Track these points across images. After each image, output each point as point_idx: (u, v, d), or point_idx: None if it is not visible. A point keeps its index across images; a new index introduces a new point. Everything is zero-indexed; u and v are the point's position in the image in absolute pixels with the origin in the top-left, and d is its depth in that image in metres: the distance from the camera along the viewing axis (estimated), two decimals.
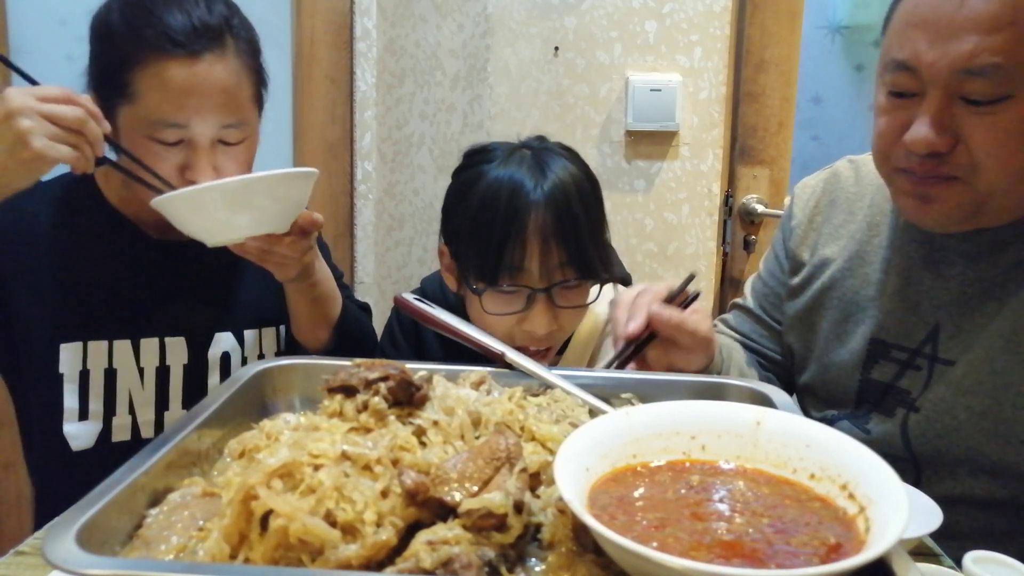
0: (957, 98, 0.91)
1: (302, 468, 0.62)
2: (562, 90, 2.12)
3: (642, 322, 1.01)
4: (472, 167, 1.21)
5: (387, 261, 2.21)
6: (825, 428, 0.69)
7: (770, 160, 2.18)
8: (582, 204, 1.16)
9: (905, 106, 0.96)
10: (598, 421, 0.70)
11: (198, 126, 1.11)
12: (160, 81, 1.09)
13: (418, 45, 2.11)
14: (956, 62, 0.89)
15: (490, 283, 1.14)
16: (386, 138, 2.15)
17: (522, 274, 1.14)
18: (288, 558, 0.59)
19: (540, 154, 1.19)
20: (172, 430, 0.76)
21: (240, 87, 1.16)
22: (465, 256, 1.18)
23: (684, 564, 0.51)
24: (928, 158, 0.94)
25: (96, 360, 1.21)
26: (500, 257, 1.12)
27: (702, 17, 2.09)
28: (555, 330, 1.17)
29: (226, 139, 1.15)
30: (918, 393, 1.08)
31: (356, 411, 0.74)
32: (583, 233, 1.15)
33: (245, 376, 0.89)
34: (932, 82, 0.92)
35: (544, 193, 1.13)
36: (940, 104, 0.92)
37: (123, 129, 1.13)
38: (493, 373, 0.92)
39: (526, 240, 1.12)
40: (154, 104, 1.09)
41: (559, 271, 1.14)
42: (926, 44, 0.92)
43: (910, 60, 0.93)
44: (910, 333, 1.10)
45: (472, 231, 1.16)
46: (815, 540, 0.58)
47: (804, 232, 1.25)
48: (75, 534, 0.57)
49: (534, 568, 0.61)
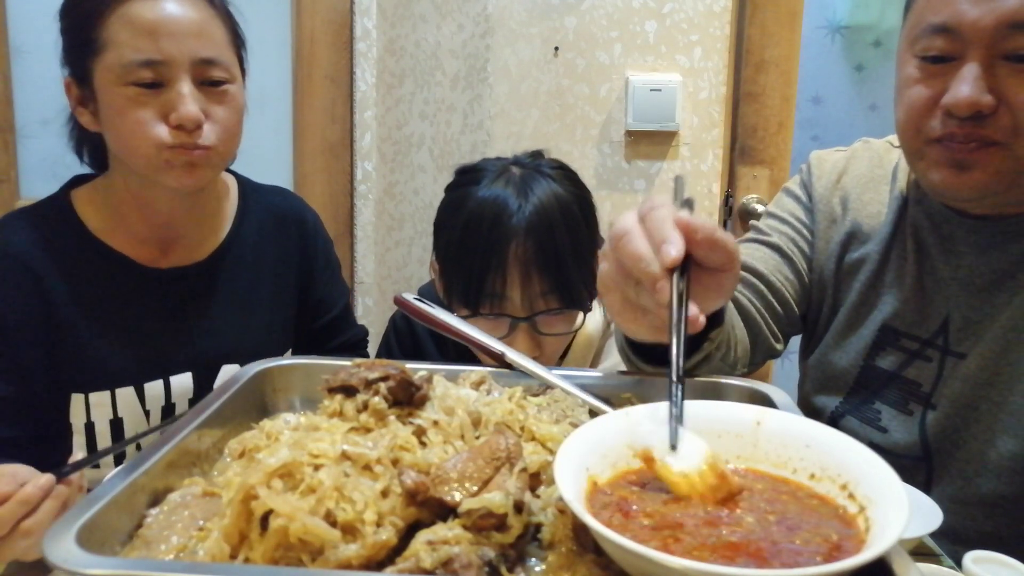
0: (999, 58, 0.89)
1: (302, 468, 0.62)
2: (562, 90, 2.12)
3: (681, 242, 0.70)
4: (461, 187, 1.20)
5: (387, 261, 2.21)
6: (825, 428, 0.69)
7: (770, 160, 2.18)
8: (567, 229, 1.14)
9: (941, 72, 0.94)
10: (598, 421, 0.70)
11: (173, 57, 1.07)
12: (127, 21, 1.07)
13: (418, 45, 2.11)
14: (1003, 16, 0.88)
15: (472, 311, 1.13)
16: (386, 138, 2.15)
17: (504, 303, 1.13)
18: (288, 558, 0.59)
19: (527, 176, 1.17)
20: (172, 430, 0.76)
21: (212, 25, 1.13)
22: (449, 281, 1.17)
23: (684, 564, 0.51)
24: (969, 121, 0.91)
25: (100, 412, 1.16)
26: (481, 286, 1.12)
27: (702, 17, 2.09)
28: (537, 356, 1.16)
29: (207, 76, 1.11)
30: (930, 387, 1.07)
31: (356, 411, 0.74)
32: (566, 261, 1.13)
33: (245, 376, 0.89)
34: (975, 41, 0.90)
35: (526, 220, 1.12)
36: (984, 63, 0.90)
37: (101, 88, 1.10)
38: (493, 373, 0.92)
39: (507, 269, 1.12)
40: (125, 45, 1.07)
41: (541, 300, 1.14)
42: (969, 3, 0.90)
43: (950, 21, 0.91)
44: (923, 323, 1.08)
45: (456, 257, 1.15)
46: (817, 538, 0.58)
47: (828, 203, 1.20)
48: (75, 534, 0.57)
49: (534, 568, 0.61)
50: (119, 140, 1.12)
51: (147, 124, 1.08)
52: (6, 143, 1.99)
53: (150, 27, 1.07)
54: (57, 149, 2.11)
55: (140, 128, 1.08)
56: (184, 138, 1.09)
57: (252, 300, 1.28)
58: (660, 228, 0.70)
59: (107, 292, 1.17)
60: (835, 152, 1.25)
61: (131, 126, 1.08)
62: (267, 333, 1.31)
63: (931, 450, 1.07)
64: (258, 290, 1.29)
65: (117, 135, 1.11)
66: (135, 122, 1.08)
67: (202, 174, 1.14)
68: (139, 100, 1.08)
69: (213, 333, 1.24)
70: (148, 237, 1.21)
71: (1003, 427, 1.02)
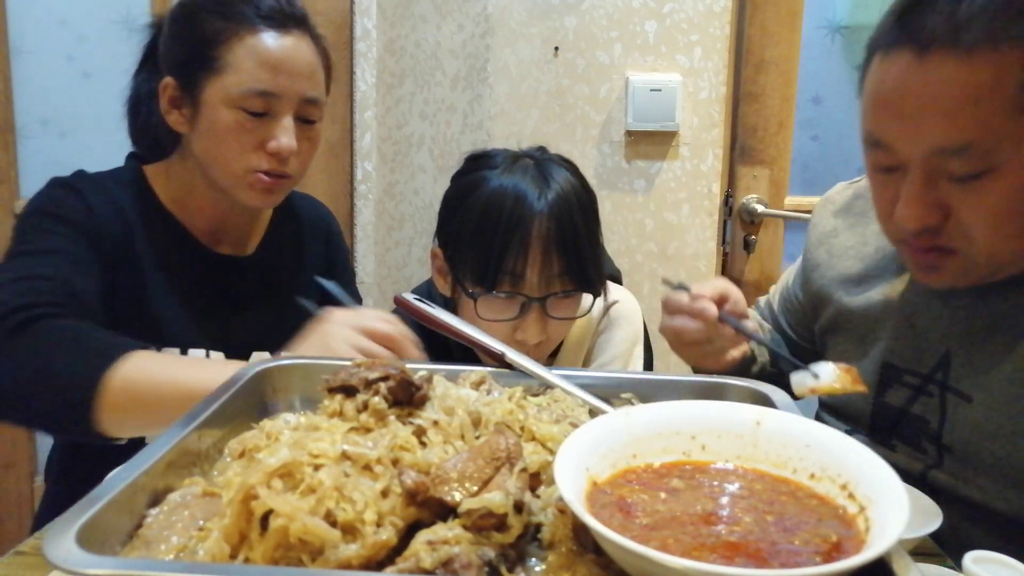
0: (940, 173, 0.88)
1: (302, 468, 0.62)
2: (562, 90, 2.12)
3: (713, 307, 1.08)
4: (474, 172, 1.22)
5: (387, 261, 2.21)
6: (825, 428, 0.69)
7: (770, 160, 2.18)
8: (582, 216, 1.18)
9: (892, 180, 0.93)
10: (598, 421, 0.70)
11: (286, 92, 1.16)
12: (253, 51, 1.15)
13: (418, 45, 2.11)
14: (930, 146, 0.87)
15: (488, 288, 1.15)
16: (386, 138, 2.15)
17: (521, 282, 1.15)
18: (288, 558, 0.59)
19: (543, 164, 1.20)
20: (172, 430, 0.76)
21: (319, 69, 1.23)
22: (463, 260, 1.19)
23: (684, 564, 0.51)
24: (922, 233, 0.91)
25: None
26: (500, 263, 1.14)
27: (702, 17, 2.09)
28: (542, 343, 1.19)
29: (306, 115, 1.20)
30: (937, 424, 1.06)
31: (356, 411, 0.74)
32: (582, 244, 1.16)
33: (245, 376, 0.89)
34: (909, 162, 0.90)
35: (548, 203, 1.15)
36: (922, 182, 0.89)
37: (208, 103, 1.17)
38: (493, 373, 0.92)
39: (528, 248, 1.14)
40: (247, 72, 1.15)
41: (557, 281, 1.16)
42: (897, 125, 0.89)
43: (884, 139, 0.91)
44: (920, 359, 1.08)
45: (473, 236, 1.17)
46: (816, 538, 0.58)
47: (824, 250, 1.23)
48: (75, 534, 0.57)
49: (534, 568, 0.61)
50: (212, 154, 1.19)
51: (245, 148, 1.17)
52: (6, 143, 1.99)
53: (273, 61, 1.16)
54: (57, 149, 2.12)
55: (238, 150, 1.17)
56: (275, 165, 1.19)
57: (284, 297, 1.36)
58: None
59: (171, 260, 1.25)
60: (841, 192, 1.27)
61: (230, 146, 1.17)
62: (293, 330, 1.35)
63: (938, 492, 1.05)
64: (291, 288, 1.36)
65: (212, 150, 1.19)
66: (236, 144, 1.17)
67: (277, 197, 1.26)
68: (244, 125, 1.16)
69: (250, 321, 1.32)
70: (204, 228, 1.29)
71: (1005, 482, 0.99)
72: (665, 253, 2.20)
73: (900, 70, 0.88)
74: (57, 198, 1.18)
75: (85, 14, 2.02)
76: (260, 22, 1.16)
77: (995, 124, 0.83)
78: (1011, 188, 0.86)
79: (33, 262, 1.10)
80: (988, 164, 0.85)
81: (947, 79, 0.84)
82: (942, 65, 0.84)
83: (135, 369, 0.96)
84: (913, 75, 0.86)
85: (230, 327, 1.29)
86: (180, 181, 1.27)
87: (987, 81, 0.83)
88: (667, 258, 2.20)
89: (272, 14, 1.17)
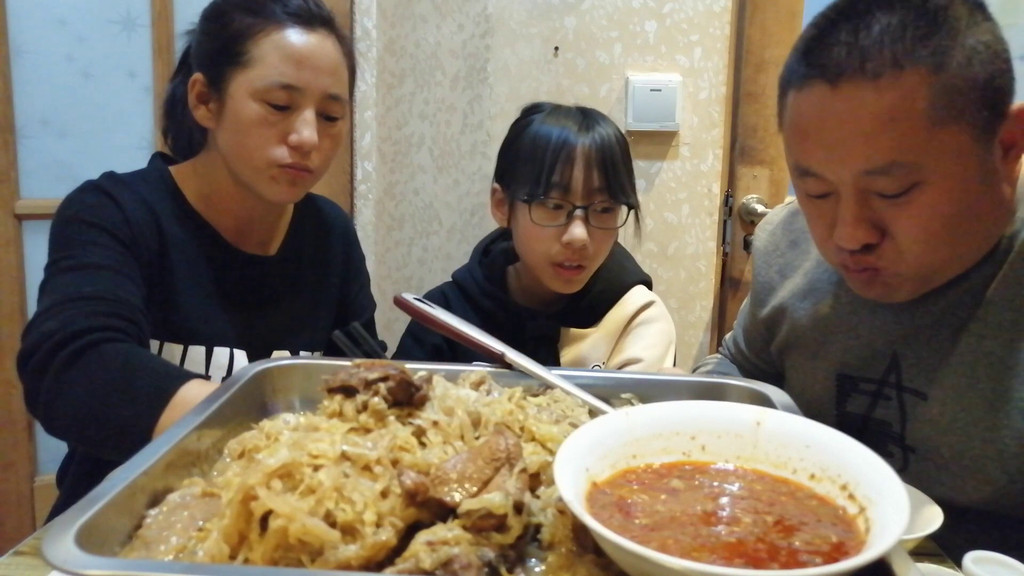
0: (870, 193, 0.91)
1: (302, 468, 0.62)
2: (562, 90, 2.11)
3: None
4: (526, 117, 1.44)
5: (387, 261, 2.21)
6: (825, 428, 0.69)
7: (770, 160, 2.18)
8: (620, 149, 1.38)
9: (827, 205, 0.96)
10: (598, 421, 0.70)
11: (309, 86, 1.19)
12: (279, 45, 1.18)
13: (418, 45, 2.11)
14: (856, 169, 0.89)
15: (541, 195, 1.34)
16: (386, 138, 2.15)
17: (567, 192, 1.34)
18: (288, 558, 0.59)
19: (587, 113, 1.41)
20: (172, 430, 0.76)
21: (342, 67, 1.26)
22: (519, 181, 1.38)
23: (684, 564, 0.50)
24: (862, 252, 0.94)
25: (169, 359, 1.21)
26: (550, 176, 1.34)
27: (702, 17, 2.09)
28: (588, 246, 1.36)
29: (328, 112, 1.23)
30: (899, 426, 1.08)
31: (356, 411, 0.74)
32: (619, 166, 1.37)
33: (245, 376, 0.89)
34: (840, 185, 0.92)
35: (589, 135, 1.36)
36: (855, 203, 0.92)
37: (234, 97, 1.19)
38: (493, 373, 0.92)
39: (573, 164, 1.34)
40: (272, 66, 1.18)
41: (598, 193, 1.35)
42: (822, 154, 0.92)
43: (812, 168, 0.94)
44: (870, 365, 1.11)
45: (526, 159, 1.37)
46: (816, 539, 0.58)
47: (766, 273, 1.28)
48: (74, 534, 0.57)
49: (534, 568, 0.61)
50: (236, 147, 1.22)
51: (268, 140, 1.19)
52: (6, 143, 1.99)
53: (298, 56, 1.19)
54: (57, 149, 2.12)
55: (261, 142, 1.19)
56: (297, 158, 1.21)
57: (305, 297, 1.40)
58: None
59: (200, 258, 1.27)
60: (776, 213, 1.32)
61: (254, 139, 1.19)
62: (312, 329, 1.40)
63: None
64: (312, 289, 1.41)
65: (236, 143, 1.21)
66: (259, 136, 1.19)
67: (299, 192, 1.28)
68: (267, 118, 1.19)
69: (273, 320, 1.34)
70: (230, 227, 1.31)
71: (968, 472, 1.01)
72: (665, 253, 2.20)
73: (815, 102, 0.91)
74: (93, 206, 1.19)
75: (85, 14, 2.02)
76: (287, 19, 1.19)
77: (913, 142, 0.86)
78: (938, 199, 0.89)
79: (82, 280, 1.11)
80: (913, 179, 0.88)
81: (860, 105, 0.87)
82: (854, 93, 0.87)
83: (190, 396, 0.96)
84: (828, 105, 0.89)
85: (254, 326, 1.31)
86: (207, 179, 1.29)
87: (898, 103, 0.86)
88: (667, 258, 2.20)
89: (299, 12, 1.20)
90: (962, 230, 0.92)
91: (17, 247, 2.01)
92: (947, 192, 0.88)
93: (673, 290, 2.21)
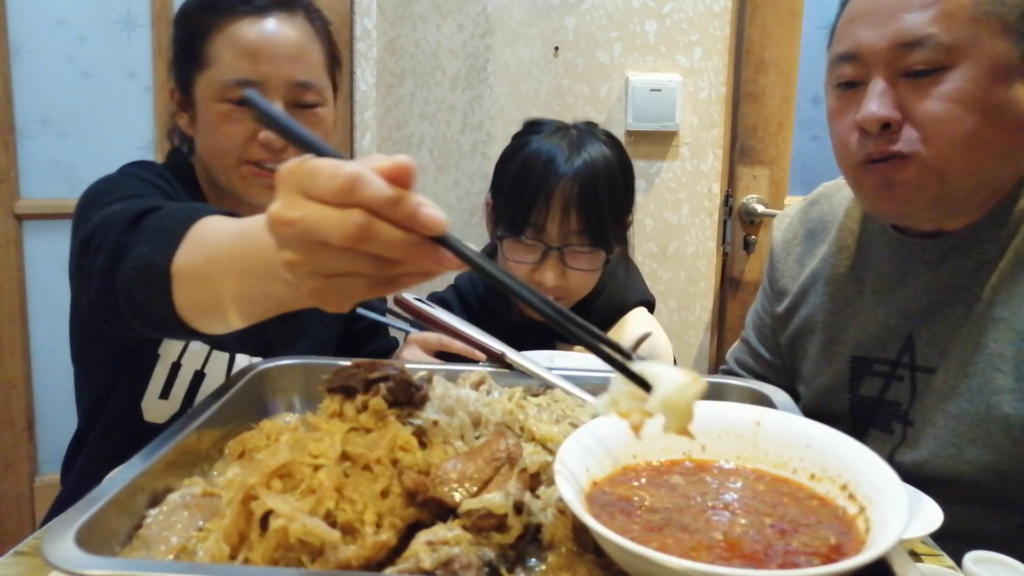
0: (899, 76, 0.97)
1: (302, 468, 0.62)
2: (562, 90, 2.11)
3: None
4: (525, 135, 1.40)
5: None
6: (825, 428, 0.69)
7: (770, 160, 2.18)
8: (608, 185, 1.31)
9: (854, 96, 1.01)
10: (598, 421, 0.70)
11: (268, 78, 1.13)
12: (232, 40, 1.13)
13: (418, 45, 2.11)
14: (894, 38, 0.96)
15: (515, 235, 1.31)
16: (386, 138, 2.15)
17: (542, 232, 1.30)
18: (288, 558, 0.59)
19: (582, 135, 1.36)
20: (172, 430, 0.76)
21: (310, 48, 1.18)
22: (502, 209, 1.35)
23: (684, 564, 0.50)
24: (881, 136, 0.98)
25: (191, 359, 1.19)
26: (527, 215, 1.29)
27: (702, 17, 2.09)
28: (562, 285, 1.32)
29: (300, 100, 1.16)
30: (908, 405, 1.09)
31: (356, 411, 0.74)
32: (603, 209, 1.30)
33: (245, 376, 0.89)
34: (875, 63, 0.98)
35: (574, 168, 1.30)
36: (887, 81, 0.98)
37: (200, 100, 1.16)
38: (493, 373, 0.92)
39: (550, 205, 1.29)
40: (227, 63, 1.13)
41: (574, 236, 1.30)
42: (866, 30, 0.99)
43: (852, 49, 1.00)
44: (886, 345, 1.12)
45: (510, 189, 1.33)
46: (816, 540, 0.58)
47: (784, 263, 1.29)
48: (75, 534, 0.57)
49: (534, 568, 0.61)
50: (208, 150, 1.18)
51: (236, 140, 1.14)
52: (6, 143, 1.99)
53: (251, 48, 1.13)
54: (57, 149, 2.12)
55: (228, 142, 1.14)
56: (267, 155, 1.14)
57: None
58: None
59: None
60: (793, 206, 1.33)
61: (220, 139, 1.14)
62: (324, 328, 1.38)
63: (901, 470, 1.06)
64: None
65: (207, 145, 1.18)
66: (224, 136, 1.14)
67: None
68: (231, 117, 1.13)
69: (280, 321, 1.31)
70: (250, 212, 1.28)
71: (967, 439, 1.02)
72: (665, 253, 2.20)
73: None
74: (131, 171, 1.16)
75: (85, 14, 2.02)
76: (237, 8, 1.14)
77: (953, 24, 0.93)
78: (963, 87, 0.94)
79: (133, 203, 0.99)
80: (945, 60, 0.94)
81: None
82: None
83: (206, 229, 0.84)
84: None
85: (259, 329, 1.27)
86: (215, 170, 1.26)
87: None
88: (667, 258, 2.20)
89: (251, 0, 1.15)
90: (981, 136, 0.95)
91: (17, 247, 2.01)
92: (973, 82, 0.93)
93: (673, 290, 2.21)
